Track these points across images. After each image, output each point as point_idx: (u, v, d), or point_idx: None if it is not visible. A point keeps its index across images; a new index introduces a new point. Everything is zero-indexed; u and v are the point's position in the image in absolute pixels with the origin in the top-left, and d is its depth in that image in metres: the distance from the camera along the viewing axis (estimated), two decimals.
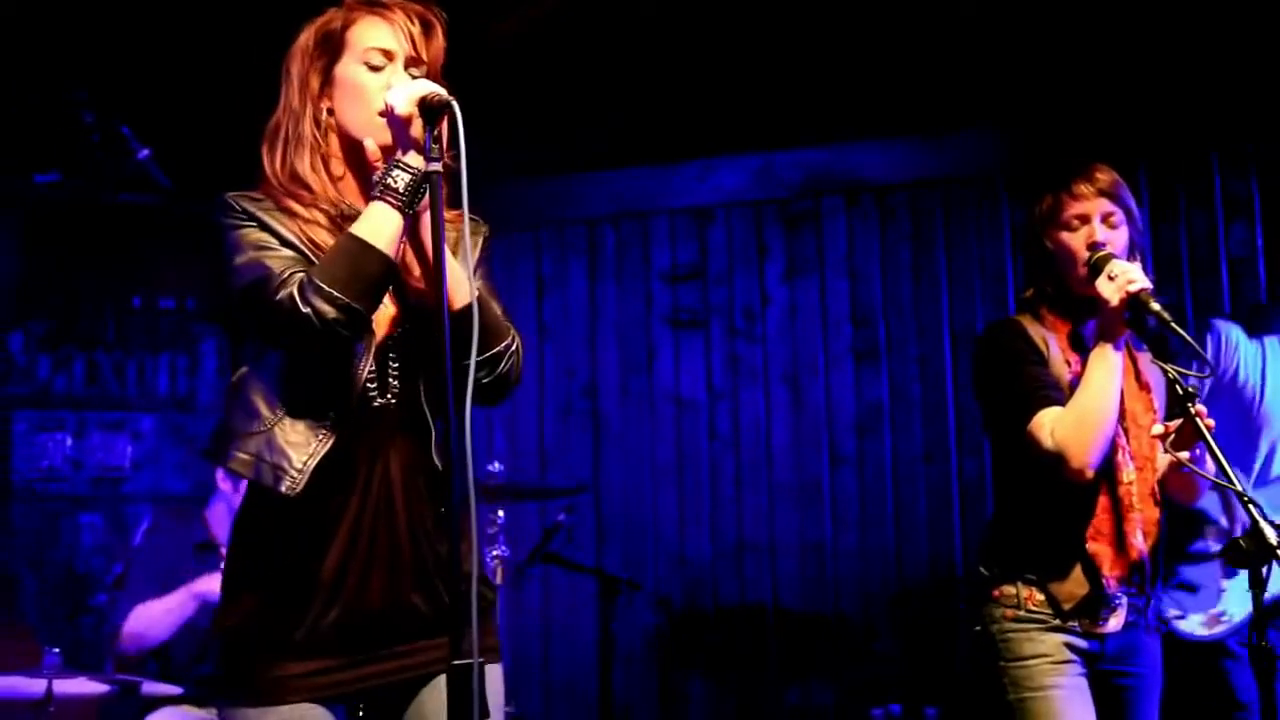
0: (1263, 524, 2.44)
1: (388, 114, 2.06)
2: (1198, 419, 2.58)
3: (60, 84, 4.62)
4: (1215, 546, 3.67)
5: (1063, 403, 2.76)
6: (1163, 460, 2.88)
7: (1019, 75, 4.79)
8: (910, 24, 4.57)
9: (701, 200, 5.49)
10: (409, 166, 2.05)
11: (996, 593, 2.82)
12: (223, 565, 2.31)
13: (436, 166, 2.00)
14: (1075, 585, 2.77)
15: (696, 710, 5.27)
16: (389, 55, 2.18)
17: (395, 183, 2.04)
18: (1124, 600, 2.78)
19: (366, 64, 2.17)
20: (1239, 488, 2.49)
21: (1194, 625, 3.73)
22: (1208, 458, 2.64)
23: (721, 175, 5.49)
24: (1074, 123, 4.87)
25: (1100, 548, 2.77)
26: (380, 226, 2.04)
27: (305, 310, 1.99)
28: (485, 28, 4.34)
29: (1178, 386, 2.64)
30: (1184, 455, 2.68)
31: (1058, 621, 2.77)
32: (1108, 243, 2.79)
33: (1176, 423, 2.69)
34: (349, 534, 2.12)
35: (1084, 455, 2.70)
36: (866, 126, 5.17)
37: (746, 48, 4.77)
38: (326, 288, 2.00)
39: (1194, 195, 4.85)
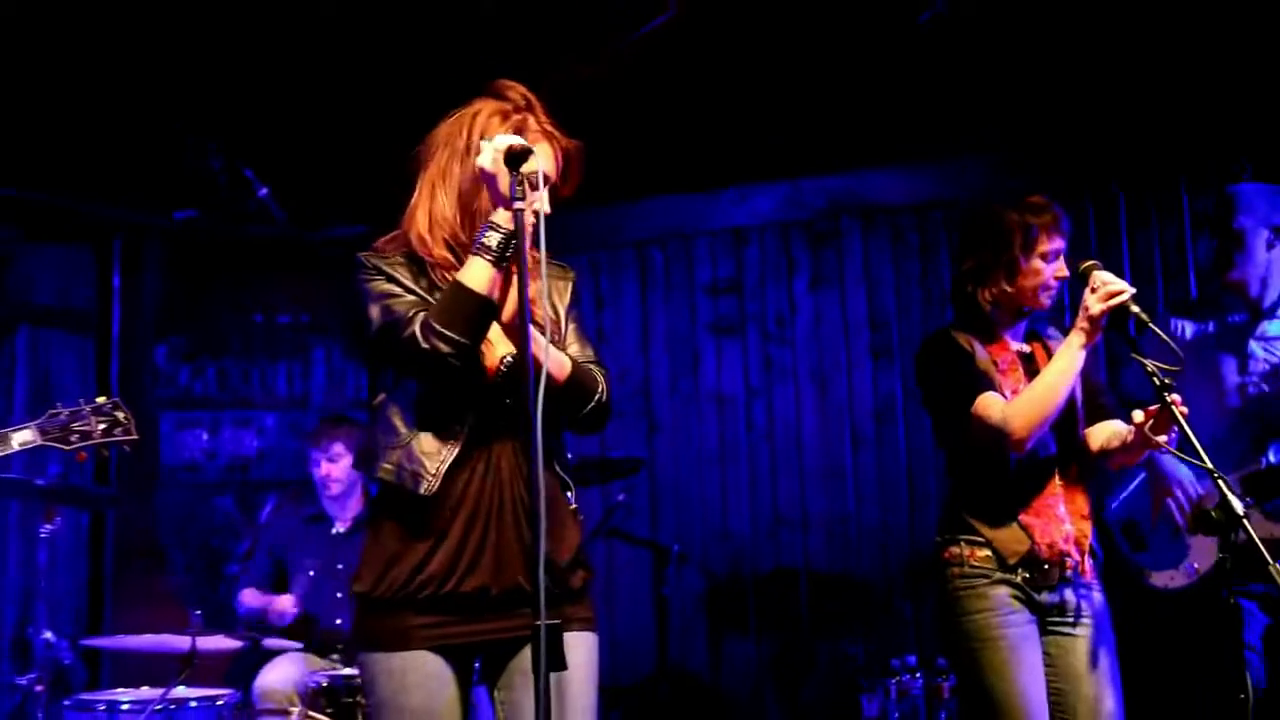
0: (1230, 496, 2.50)
1: (479, 172, 2.19)
2: (1173, 406, 2.62)
3: (194, 136, 4.70)
4: None
5: (996, 389, 2.83)
6: (1098, 433, 2.92)
7: (1013, 113, 4.81)
8: (917, 70, 4.60)
9: (737, 223, 5.51)
10: (499, 226, 2.18)
11: (946, 554, 2.86)
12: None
13: (520, 205, 2.11)
14: (1016, 543, 2.81)
15: (739, 663, 5.28)
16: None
17: (489, 241, 2.18)
18: (1055, 561, 2.81)
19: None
20: (1208, 465, 2.53)
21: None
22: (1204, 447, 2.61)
23: (755, 201, 5.50)
24: (1060, 150, 4.91)
25: (1032, 518, 2.82)
26: (476, 276, 2.18)
27: (426, 346, 2.16)
28: (546, 78, 4.42)
29: (1155, 378, 2.65)
30: (1162, 439, 2.69)
31: (1001, 574, 2.79)
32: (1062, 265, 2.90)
33: (1154, 409, 2.70)
34: (466, 519, 2.26)
35: (1027, 430, 2.75)
36: (880, 157, 5.19)
37: (776, 91, 4.79)
38: (439, 327, 2.16)
39: (1165, 210, 4.85)
